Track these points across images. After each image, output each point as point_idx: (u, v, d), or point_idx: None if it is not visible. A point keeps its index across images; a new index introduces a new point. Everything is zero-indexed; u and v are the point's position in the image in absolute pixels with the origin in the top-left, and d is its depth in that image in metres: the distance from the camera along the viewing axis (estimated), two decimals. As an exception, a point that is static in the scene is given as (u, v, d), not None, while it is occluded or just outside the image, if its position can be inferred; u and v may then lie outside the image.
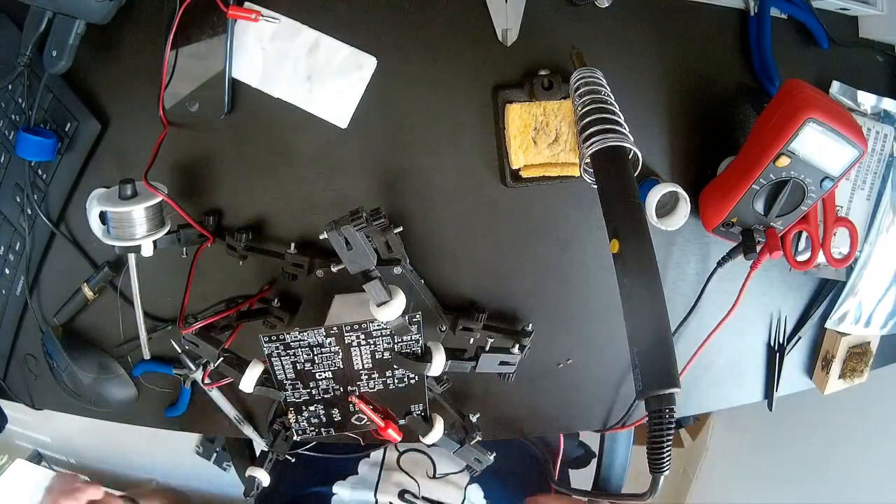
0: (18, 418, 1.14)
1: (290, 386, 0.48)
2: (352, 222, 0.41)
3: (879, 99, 0.59)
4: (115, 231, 0.49)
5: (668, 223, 0.55)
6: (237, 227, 0.55)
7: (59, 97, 0.53)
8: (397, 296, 0.44)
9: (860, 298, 0.63)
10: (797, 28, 0.58)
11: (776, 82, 0.56)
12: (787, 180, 0.50)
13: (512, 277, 0.58)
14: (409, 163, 0.55)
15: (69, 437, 1.19)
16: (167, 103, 0.52)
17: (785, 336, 0.64)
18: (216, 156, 0.55)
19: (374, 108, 0.54)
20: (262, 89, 0.53)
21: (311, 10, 0.52)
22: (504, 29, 0.53)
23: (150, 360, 0.58)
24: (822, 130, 0.47)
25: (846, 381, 0.65)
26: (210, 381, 0.57)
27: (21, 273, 0.57)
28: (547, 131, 0.52)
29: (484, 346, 0.52)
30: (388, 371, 0.48)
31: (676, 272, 0.60)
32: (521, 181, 0.54)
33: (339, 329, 0.45)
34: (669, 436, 0.34)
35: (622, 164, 0.42)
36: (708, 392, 0.64)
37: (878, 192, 0.60)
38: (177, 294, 0.55)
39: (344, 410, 0.51)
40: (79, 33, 0.49)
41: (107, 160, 0.55)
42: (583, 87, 0.47)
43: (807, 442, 0.94)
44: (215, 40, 0.51)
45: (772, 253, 0.52)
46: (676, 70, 0.57)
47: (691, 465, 1.21)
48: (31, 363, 0.61)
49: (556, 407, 0.61)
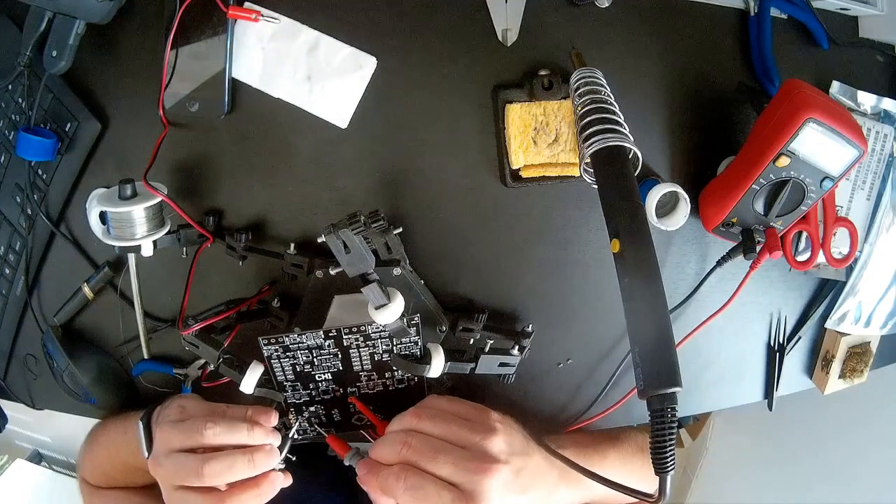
0: (18, 418, 1.14)
1: (290, 387, 0.48)
2: (349, 226, 0.41)
3: (879, 99, 0.59)
4: (114, 231, 0.49)
5: (668, 223, 0.55)
6: (237, 228, 0.55)
7: (59, 97, 0.53)
8: (395, 299, 0.44)
9: (860, 298, 0.63)
10: (797, 28, 0.58)
11: (776, 82, 0.56)
12: (787, 180, 0.50)
13: (512, 277, 0.58)
14: (409, 163, 0.55)
15: (69, 437, 1.19)
16: (167, 103, 0.52)
17: (785, 336, 0.64)
18: (216, 156, 0.55)
19: (375, 109, 0.54)
20: (262, 89, 0.53)
21: (311, 10, 0.52)
22: (504, 29, 0.53)
23: (150, 360, 0.58)
24: (822, 130, 0.47)
25: (846, 381, 0.65)
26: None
27: (21, 273, 0.57)
28: (547, 131, 0.52)
29: (483, 347, 0.52)
30: (388, 372, 0.49)
31: (676, 272, 0.60)
32: (521, 181, 0.54)
33: (337, 332, 0.45)
34: (672, 435, 0.34)
35: (622, 163, 0.42)
36: (708, 392, 0.64)
37: (878, 192, 0.60)
38: (177, 294, 0.55)
39: (344, 411, 0.51)
40: (79, 33, 0.49)
41: (107, 160, 0.55)
42: (583, 87, 0.47)
43: (807, 442, 0.94)
44: (215, 40, 0.51)
45: (771, 253, 0.52)
46: (676, 70, 0.57)
47: (691, 465, 1.21)
48: (32, 363, 0.61)
49: (556, 407, 0.61)
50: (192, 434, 0.44)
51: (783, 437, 0.99)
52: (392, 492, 0.42)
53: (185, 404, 0.49)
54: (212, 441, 0.44)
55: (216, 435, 0.44)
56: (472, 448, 0.43)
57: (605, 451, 0.59)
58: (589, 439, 0.61)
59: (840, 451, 0.88)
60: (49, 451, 1.25)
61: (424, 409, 0.46)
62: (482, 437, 0.44)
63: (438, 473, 0.42)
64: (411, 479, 0.42)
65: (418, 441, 0.43)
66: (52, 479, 1.20)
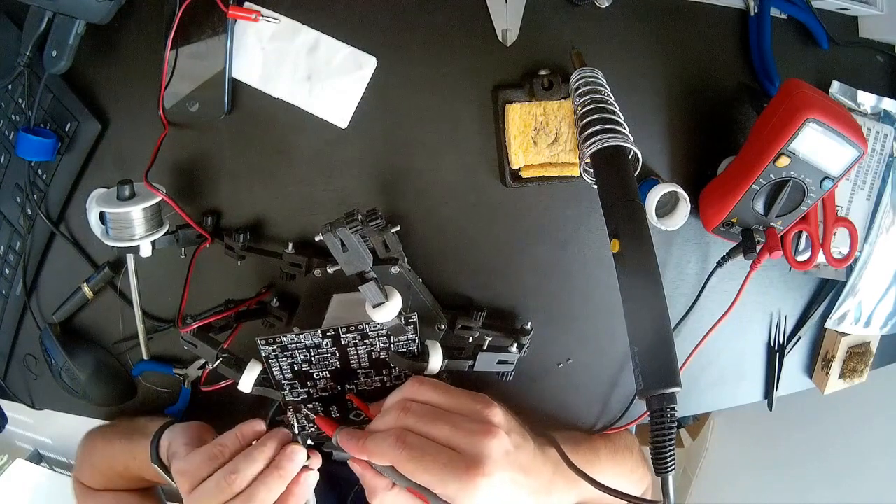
0: (18, 418, 1.14)
1: (289, 386, 0.48)
2: (347, 224, 0.41)
3: (879, 99, 0.59)
4: (113, 232, 0.49)
5: (668, 223, 0.55)
6: (236, 227, 0.54)
7: (59, 97, 0.53)
8: (393, 297, 0.44)
9: (860, 298, 0.63)
10: (797, 28, 0.58)
11: (776, 82, 0.56)
12: (787, 180, 0.50)
13: (511, 277, 0.58)
14: (408, 163, 0.55)
15: (69, 437, 1.19)
16: (167, 103, 0.52)
17: (785, 336, 0.64)
18: (216, 156, 0.55)
19: (374, 108, 0.54)
20: (262, 89, 0.53)
21: (311, 10, 0.52)
22: (504, 29, 0.53)
23: (150, 360, 0.58)
24: (822, 130, 0.47)
25: (846, 381, 0.65)
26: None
27: (21, 273, 0.57)
28: (547, 131, 0.52)
29: (482, 344, 0.52)
30: (386, 370, 0.49)
31: (676, 272, 0.60)
32: (521, 181, 0.54)
33: (335, 331, 0.45)
34: (672, 435, 0.34)
35: (622, 163, 0.42)
36: (708, 392, 0.64)
37: (878, 192, 0.60)
38: (176, 294, 0.55)
39: (342, 407, 0.51)
40: (79, 33, 0.49)
41: (107, 160, 0.55)
42: (583, 87, 0.47)
43: (807, 442, 0.94)
44: (215, 40, 0.51)
45: (772, 253, 0.52)
46: (676, 70, 0.57)
47: (691, 465, 1.21)
48: (31, 363, 0.61)
49: (556, 407, 0.61)
50: (223, 492, 0.42)
51: (783, 437, 0.99)
52: (388, 454, 0.40)
53: (183, 469, 0.45)
54: (242, 486, 0.42)
55: (243, 479, 0.42)
56: (473, 416, 0.42)
57: (597, 448, 0.59)
58: (581, 436, 0.60)
59: (840, 451, 0.88)
60: (49, 451, 1.25)
61: (423, 379, 0.45)
62: (482, 406, 0.42)
63: (437, 435, 0.40)
64: (410, 439, 0.39)
65: (417, 406, 0.42)
66: (52, 479, 1.20)
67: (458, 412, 0.42)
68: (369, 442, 0.41)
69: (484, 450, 0.39)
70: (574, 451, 0.52)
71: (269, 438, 0.45)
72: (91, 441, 0.61)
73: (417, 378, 0.45)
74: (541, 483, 0.45)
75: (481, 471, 0.38)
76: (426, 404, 0.43)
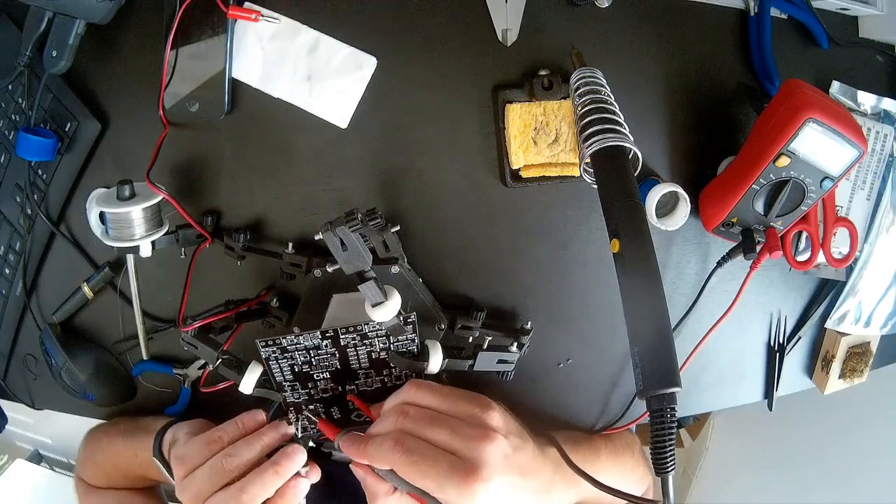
0: (18, 418, 1.14)
1: (289, 387, 0.48)
2: (347, 223, 0.41)
3: (879, 99, 0.59)
4: (113, 232, 0.49)
5: (668, 223, 0.55)
6: (236, 227, 0.54)
7: (59, 97, 0.53)
8: (392, 296, 0.44)
9: (860, 298, 0.63)
10: (797, 28, 0.58)
11: (776, 82, 0.56)
12: (787, 180, 0.50)
13: (511, 277, 0.58)
14: (408, 163, 0.55)
15: (69, 437, 1.19)
16: (167, 103, 0.52)
17: (785, 336, 0.64)
18: (216, 156, 0.55)
19: (374, 108, 0.54)
20: (262, 89, 0.53)
21: (311, 10, 0.52)
22: (504, 29, 0.53)
23: (150, 360, 0.58)
24: (822, 130, 0.47)
25: (846, 381, 0.65)
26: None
27: (21, 273, 0.57)
28: (547, 131, 0.52)
29: (482, 344, 0.52)
30: (386, 370, 0.49)
31: (676, 272, 0.60)
32: (521, 181, 0.54)
33: (334, 332, 0.45)
34: (672, 435, 0.34)
35: (622, 163, 0.42)
36: (708, 392, 0.64)
37: (878, 192, 0.60)
38: (176, 294, 0.55)
39: (343, 408, 0.51)
40: (79, 33, 0.49)
41: (107, 160, 0.55)
42: (583, 87, 0.47)
43: (807, 442, 0.94)
44: (215, 40, 0.51)
45: (772, 253, 0.52)
46: (676, 70, 0.57)
47: (691, 465, 1.21)
48: (31, 363, 0.61)
49: (556, 407, 0.61)
50: (216, 474, 0.42)
51: (783, 437, 0.99)
52: (387, 458, 0.40)
53: (180, 454, 0.45)
54: (236, 469, 0.42)
55: (238, 462, 0.43)
56: (471, 420, 0.42)
57: (597, 448, 0.59)
58: (581, 435, 0.60)
59: (840, 451, 0.88)
60: (49, 451, 1.25)
61: (421, 382, 0.45)
62: (481, 409, 0.42)
63: (436, 439, 0.40)
64: (408, 443, 0.39)
65: (415, 410, 0.42)
66: (52, 479, 1.20)
67: (457, 416, 0.42)
68: (369, 446, 0.41)
69: (482, 455, 0.39)
70: (574, 450, 0.52)
71: (270, 429, 0.45)
72: (94, 438, 0.61)
73: (415, 382, 0.45)
74: (541, 483, 0.45)
75: (479, 476, 0.38)
76: (424, 408, 0.43)
